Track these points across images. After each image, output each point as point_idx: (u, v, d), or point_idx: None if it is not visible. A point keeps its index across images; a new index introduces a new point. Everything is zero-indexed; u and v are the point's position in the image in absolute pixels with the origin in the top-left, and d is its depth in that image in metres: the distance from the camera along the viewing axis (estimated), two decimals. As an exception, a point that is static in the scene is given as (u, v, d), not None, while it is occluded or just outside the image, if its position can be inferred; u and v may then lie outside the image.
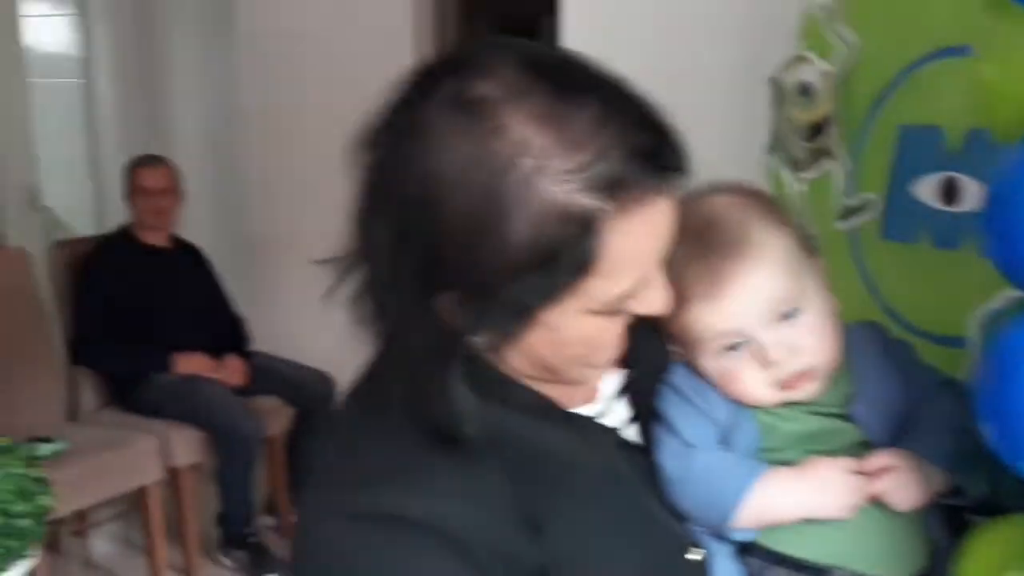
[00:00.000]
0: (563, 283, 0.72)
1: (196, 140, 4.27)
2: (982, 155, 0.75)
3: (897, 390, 0.91)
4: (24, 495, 1.57)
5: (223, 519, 3.19)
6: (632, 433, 0.91)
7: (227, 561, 3.20)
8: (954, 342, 1.23)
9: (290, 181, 3.86)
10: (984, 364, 0.75)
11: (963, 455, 0.88)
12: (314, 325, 3.88)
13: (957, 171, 1.22)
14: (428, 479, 0.77)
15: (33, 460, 1.62)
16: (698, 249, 0.85)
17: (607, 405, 0.90)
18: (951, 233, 1.24)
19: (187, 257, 3.36)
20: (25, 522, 1.57)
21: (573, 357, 0.79)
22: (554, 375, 0.82)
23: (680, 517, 0.88)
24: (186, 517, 3.12)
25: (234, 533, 3.18)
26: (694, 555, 0.86)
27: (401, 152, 0.72)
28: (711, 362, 0.88)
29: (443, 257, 0.71)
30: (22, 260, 3.21)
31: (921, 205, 1.27)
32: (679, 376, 0.91)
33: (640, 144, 0.70)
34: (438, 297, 0.73)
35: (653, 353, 0.92)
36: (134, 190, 3.24)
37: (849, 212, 1.37)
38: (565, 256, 0.70)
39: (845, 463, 0.85)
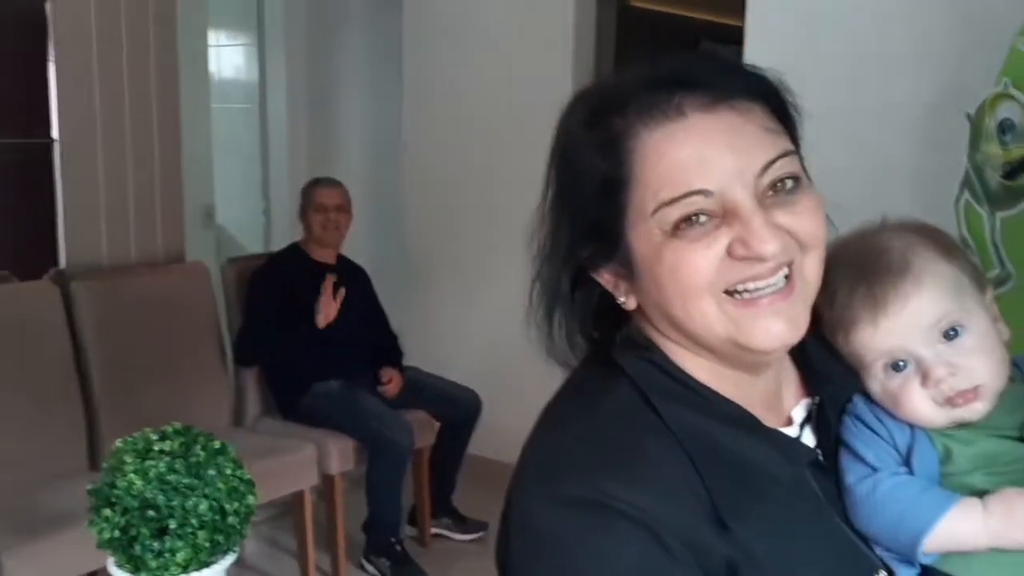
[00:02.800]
0: (620, 197, 0.83)
1: (360, 166, 4.47)
2: None
3: None
4: (235, 494, 1.68)
5: (370, 526, 3.30)
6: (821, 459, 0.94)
7: (371, 568, 3.30)
8: None
9: (447, 204, 4.01)
10: None
11: None
12: (464, 344, 4.06)
13: None
14: (632, 472, 0.82)
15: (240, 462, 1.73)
16: (861, 276, 0.90)
17: (799, 431, 0.94)
18: None
19: (351, 275, 3.52)
20: (234, 519, 1.67)
21: (675, 297, 0.84)
22: (697, 341, 0.87)
23: (866, 541, 0.90)
24: (336, 523, 3.24)
25: (379, 541, 3.28)
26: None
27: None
28: (878, 385, 0.92)
29: (562, 196, 0.88)
30: (201, 274, 3.43)
31: None
32: (858, 407, 0.94)
33: (668, 68, 0.84)
34: (574, 249, 0.88)
35: (839, 383, 0.95)
36: (310, 207, 3.44)
37: (1048, 250, 1.37)
38: (613, 173, 0.83)
39: None
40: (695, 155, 0.81)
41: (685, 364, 0.90)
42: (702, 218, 0.82)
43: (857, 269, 0.91)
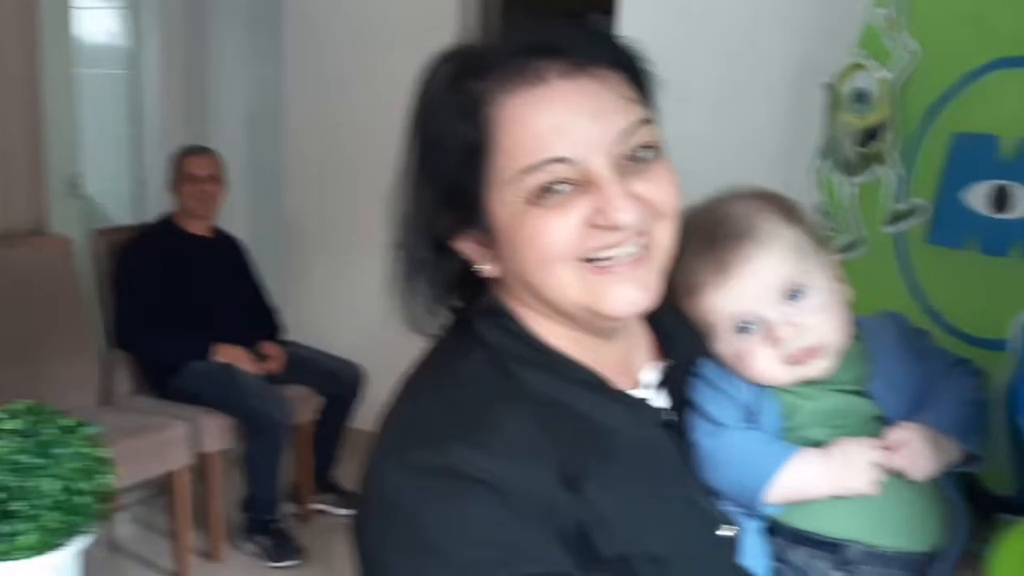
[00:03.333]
0: (480, 161, 0.83)
1: (237, 134, 4.33)
2: None
3: (912, 369, 0.96)
4: (88, 474, 1.61)
5: (248, 505, 3.23)
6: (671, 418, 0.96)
7: (250, 547, 3.24)
8: (994, 345, 1.26)
9: (325, 175, 3.93)
10: (1020, 367, 0.78)
11: (975, 425, 0.93)
12: (345, 317, 4.00)
13: (1010, 179, 1.26)
14: (483, 436, 0.83)
15: (96, 439, 1.66)
16: (707, 242, 0.93)
17: (650, 393, 0.95)
18: (1000, 240, 1.28)
19: (227, 247, 3.42)
20: (87, 499, 1.60)
21: (533, 265, 0.84)
22: (550, 305, 0.87)
23: (713, 495, 0.93)
24: (212, 502, 3.17)
25: (258, 519, 3.22)
26: (726, 531, 0.91)
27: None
28: (726, 346, 0.95)
29: (420, 164, 0.87)
30: (64, 247, 3.27)
31: (970, 212, 1.31)
32: (706, 368, 0.97)
33: (530, 36, 0.83)
34: (435, 217, 0.86)
35: (690, 346, 0.98)
36: (181, 177, 3.31)
37: (898, 217, 1.41)
38: (472, 137, 0.83)
39: (868, 442, 0.90)
40: (555, 122, 0.81)
41: (540, 330, 0.90)
42: (561, 186, 0.82)
43: (704, 235, 0.93)
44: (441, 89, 0.85)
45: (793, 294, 0.92)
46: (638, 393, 0.94)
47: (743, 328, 0.93)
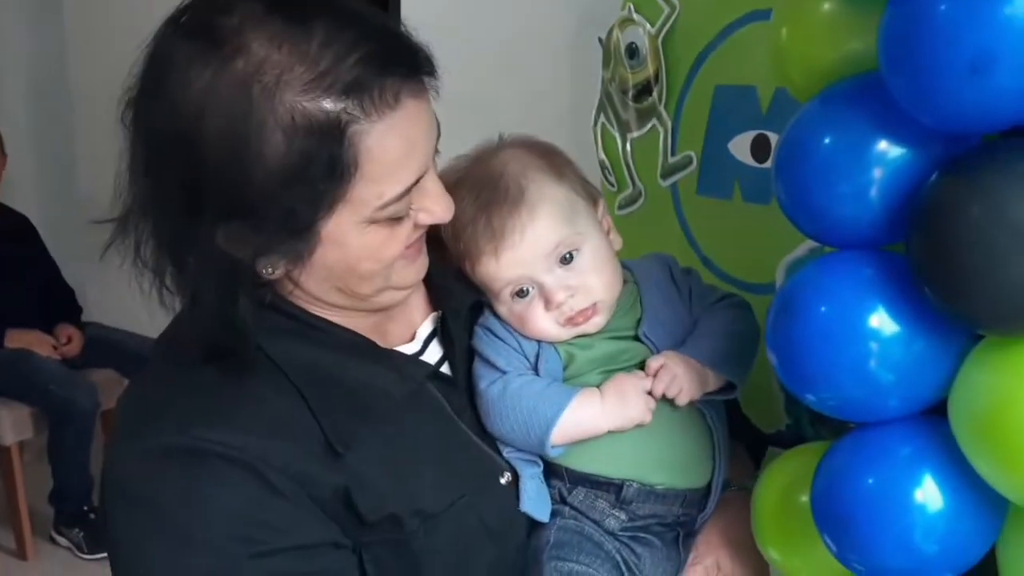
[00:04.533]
0: (329, 190, 0.76)
1: (19, 108, 4.04)
2: (789, 114, 0.81)
3: (679, 308, 1.00)
4: None
5: (57, 497, 3.06)
6: (445, 371, 0.96)
7: (63, 540, 3.07)
8: (764, 289, 1.31)
9: (118, 148, 3.71)
10: (775, 302, 0.81)
11: (731, 355, 0.97)
12: (146, 293, 3.76)
13: (768, 129, 1.30)
14: (227, 412, 0.80)
15: None
16: (480, 206, 0.93)
17: (424, 345, 0.95)
18: (761, 188, 1.32)
19: (12, 225, 3.19)
20: None
21: (368, 273, 0.84)
22: (359, 299, 0.87)
23: (494, 444, 0.94)
24: (17, 498, 2.98)
25: (69, 511, 3.05)
26: (504, 479, 0.93)
27: (150, 93, 0.77)
28: (506, 308, 0.96)
29: (208, 186, 0.75)
30: None
31: (735, 162, 1.35)
32: (489, 319, 0.98)
33: (372, 50, 0.76)
34: (218, 230, 0.77)
35: (461, 295, 0.98)
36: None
37: (670, 170, 1.44)
38: (322, 162, 0.75)
39: (637, 374, 0.93)
40: (410, 146, 0.80)
41: (305, 305, 0.88)
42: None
43: (477, 199, 0.93)
44: (284, 100, 0.73)
45: (566, 257, 0.94)
46: (411, 347, 0.94)
47: (521, 292, 0.94)
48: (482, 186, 0.94)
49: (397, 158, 0.78)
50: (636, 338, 0.97)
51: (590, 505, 0.95)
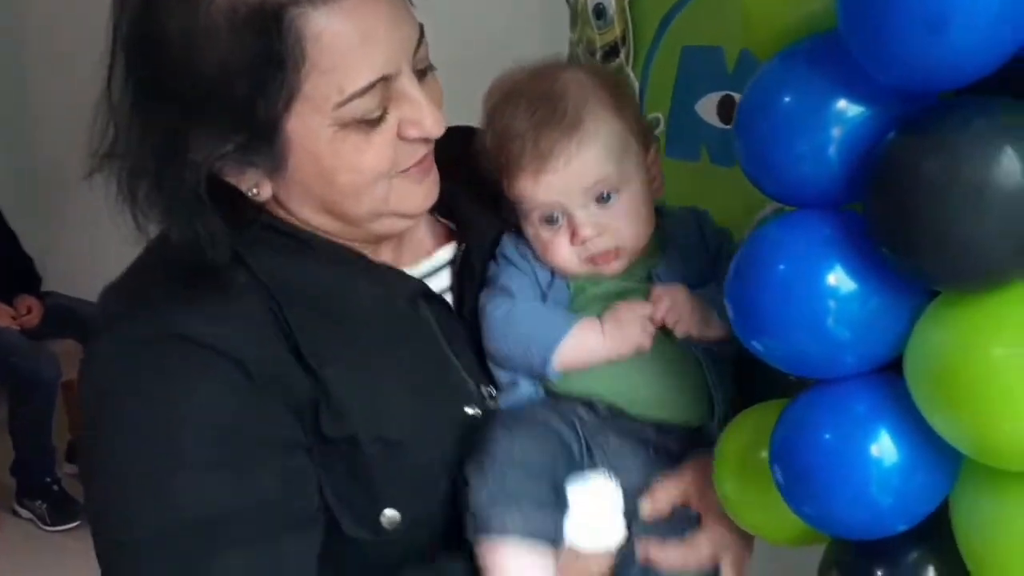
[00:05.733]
0: (280, 82, 0.75)
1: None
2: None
3: (701, 265, 1.00)
4: None
5: (19, 469, 3.04)
6: (448, 299, 0.96)
7: (25, 512, 3.06)
8: (731, 251, 1.32)
9: (80, 113, 3.63)
10: (736, 257, 0.82)
11: None
12: (109, 262, 3.71)
13: (734, 90, 1.30)
14: (211, 303, 0.80)
15: None
16: (533, 123, 0.91)
17: (434, 268, 0.95)
18: (728, 150, 1.32)
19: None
20: None
21: (351, 188, 0.82)
22: (352, 223, 0.85)
23: (478, 375, 0.94)
24: (-25, 469, 2.96)
25: (32, 482, 3.05)
26: (472, 410, 0.92)
27: (119, 4, 0.78)
28: (532, 230, 0.96)
29: (172, 89, 0.76)
30: None
31: (702, 123, 1.35)
32: (506, 247, 0.98)
33: None
34: (189, 140, 0.77)
35: (484, 229, 0.98)
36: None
37: (638, 132, 1.44)
38: (265, 51, 0.74)
39: (639, 303, 0.94)
40: (364, 35, 0.77)
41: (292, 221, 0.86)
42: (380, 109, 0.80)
43: (532, 114, 0.92)
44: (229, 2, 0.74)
45: (603, 196, 0.94)
46: (421, 269, 0.94)
47: (550, 219, 0.94)
48: (540, 103, 0.92)
49: (350, 46, 0.76)
50: (647, 279, 0.97)
51: (562, 400, 0.95)
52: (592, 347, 0.92)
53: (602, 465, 0.95)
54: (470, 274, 0.96)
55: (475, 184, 0.97)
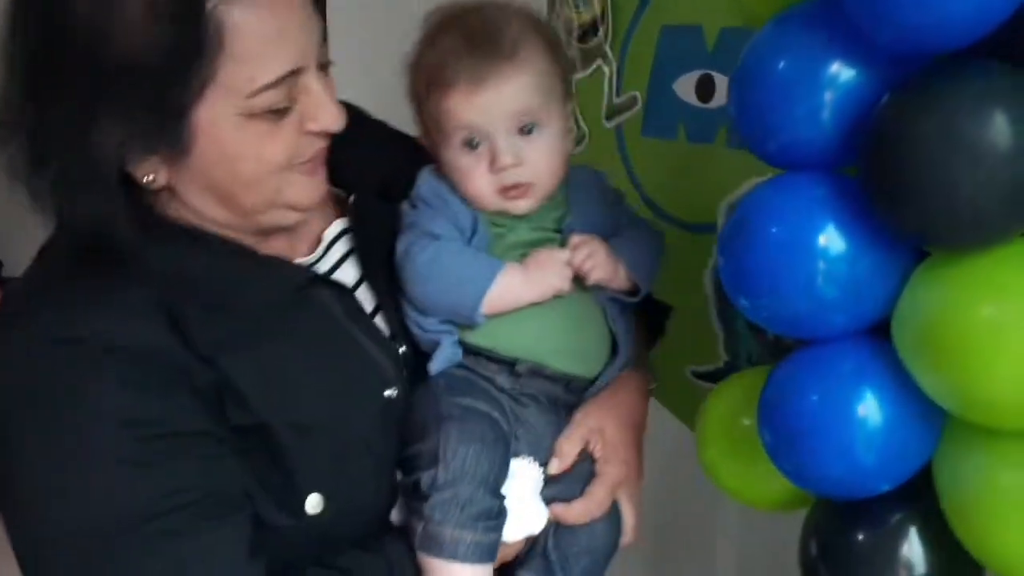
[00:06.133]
0: (196, 68, 0.75)
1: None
2: (735, 53, 0.82)
3: (605, 219, 1.04)
4: None
5: None
6: (349, 270, 0.96)
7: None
8: (706, 229, 1.33)
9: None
10: (730, 218, 0.83)
11: (644, 263, 1.03)
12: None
13: (713, 69, 1.31)
14: (104, 301, 0.80)
15: None
16: (470, 47, 0.93)
17: (326, 250, 0.95)
18: (705, 128, 1.34)
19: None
20: None
21: (251, 178, 0.82)
22: (243, 215, 0.85)
23: (391, 350, 0.95)
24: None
25: None
26: (389, 391, 0.93)
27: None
28: (450, 154, 0.97)
29: (80, 69, 0.75)
30: None
31: (679, 102, 1.36)
32: (423, 188, 0.99)
33: None
34: (94, 122, 0.76)
35: (366, 179, 0.99)
36: None
37: (616, 111, 1.45)
38: (186, 37, 0.74)
39: (558, 250, 0.97)
40: (279, 29, 0.78)
41: (187, 216, 0.86)
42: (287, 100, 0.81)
43: (469, 39, 0.94)
44: None
45: (527, 127, 0.96)
46: (312, 257, 0.94)
47: (471, 143, 0.96)
48: (478, 30, 0.94)
49: (265, 39, 0.78)
50: (558, 232, 1.00)
51: (483, 366, 0.98)
52: (517, 291, 0.95)
53: (525, 444, 0.97)
54: (362, 233, 0.97)
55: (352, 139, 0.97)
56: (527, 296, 0.95)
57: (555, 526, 0.98)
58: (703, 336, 1.37)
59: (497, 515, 0.91)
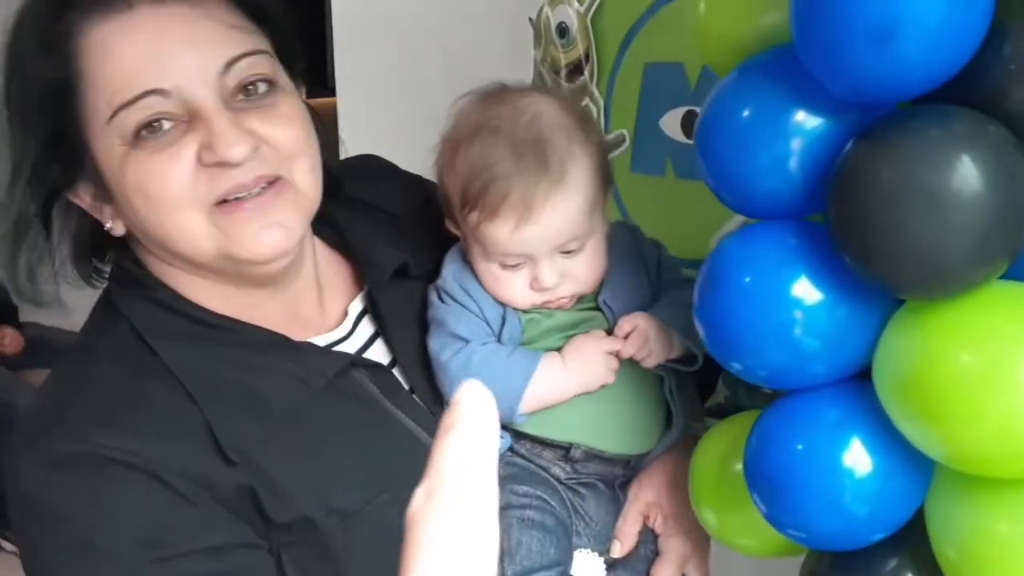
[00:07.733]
0: (75, 100, 0.77)
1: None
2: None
3: (642, 281, 1.00)
4: None
5: (3, 500, 2.99)
6: (379, 350, 0.94)
7: (8, 545, 3.01)
8: (698, 265, 1.32)
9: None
10: (702, 272, 0.82)
11: (694, 327, 0.96)
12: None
13: (697, 105, 1.31)
14: (124, 417, 0.79)
15: None
16: (519, 170, 0.87)
17: (355, 324, 0.93)
18: (693, 163, 1.33)
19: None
20: None
21: (159, 215, 0.79)
22: (196, 269, 0.83)
23: (430, 419, 0.90)
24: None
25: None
26: None
27: None
28: (484, 265, 0.93)
29: (14, 111, 0.79)
30: None
31: (666, 138, 1.36)
32: (447, 282, 0.95)
33: None
34: (32, 166, 0.79)
35: (384, 260, 0.95)
36: None
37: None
38: (64, 70, 0.76)
39: (598, 334, 0.93)
40: (148, 51, 0.76)
41: (190, 291, 0.85)
42: (164, 124, 0.77)
43: (517, 159, 0.87)
44: (27, 22, 0.78)
45: (571, 251, 0.92)
46: (341, 330, 0.92)
47: (510, 264, 0.92)
48: (523, 147, 0.88)
49: (125, 63, 0.76)
50: (595, 306, 0.96)
51: (537, 454, 0.95)
52: (557, 388, 0.91)
53: (586, 538, 0.95)
54: (380, 318, 0.94)
55: (367, 210, 0.96)
56: (570, 390, 0.91)
57: None
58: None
59: None
